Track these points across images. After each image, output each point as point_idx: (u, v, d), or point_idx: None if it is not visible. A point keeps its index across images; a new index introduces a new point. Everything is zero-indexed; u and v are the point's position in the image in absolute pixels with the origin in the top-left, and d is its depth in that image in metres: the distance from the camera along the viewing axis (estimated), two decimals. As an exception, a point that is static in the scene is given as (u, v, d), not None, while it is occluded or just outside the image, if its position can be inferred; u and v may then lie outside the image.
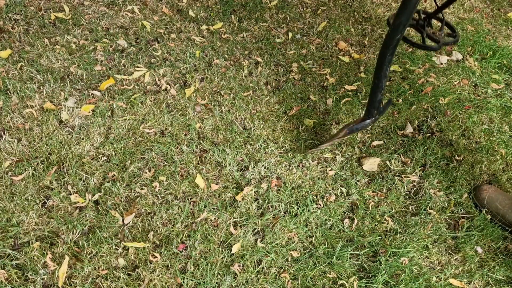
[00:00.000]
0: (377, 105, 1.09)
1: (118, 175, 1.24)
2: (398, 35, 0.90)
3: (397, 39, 0.91)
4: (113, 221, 1.12)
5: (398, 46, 1.27)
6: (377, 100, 1.07)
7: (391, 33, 0.91)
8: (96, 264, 1.03)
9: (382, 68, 1.00)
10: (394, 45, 0.93)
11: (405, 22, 0.88)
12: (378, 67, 1.01)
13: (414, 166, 1.34)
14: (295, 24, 1.96)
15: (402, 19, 0.87)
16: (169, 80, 1.60)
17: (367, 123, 1.13)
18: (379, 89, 1.05)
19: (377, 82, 1.04)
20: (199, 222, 1.14)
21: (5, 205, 1.13)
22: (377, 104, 1.08)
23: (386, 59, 0.97)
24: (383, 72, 1.00)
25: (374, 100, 1.08)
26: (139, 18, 1.91)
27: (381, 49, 0.97)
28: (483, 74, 1.73)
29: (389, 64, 0.99)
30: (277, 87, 1.61)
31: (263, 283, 1.02)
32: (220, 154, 1.32)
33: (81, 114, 1.42)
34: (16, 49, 1.66)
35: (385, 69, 0.99)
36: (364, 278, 1.05)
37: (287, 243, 1.11)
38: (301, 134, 1.41)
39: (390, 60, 0.98)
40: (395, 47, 0.95)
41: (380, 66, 1.00)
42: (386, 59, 0.97)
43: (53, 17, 1.85)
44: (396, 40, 0.92)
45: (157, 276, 1.01)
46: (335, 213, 1.18)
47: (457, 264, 1.10)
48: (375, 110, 1.10)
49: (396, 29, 0.89)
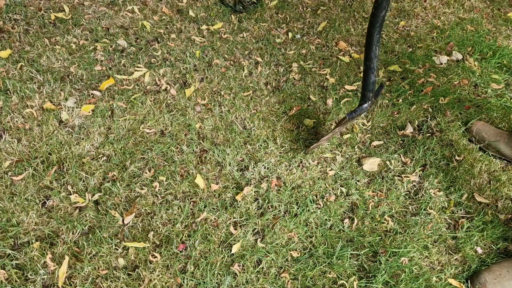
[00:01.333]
0: (372, 87, 1.09)
1: (118, 175, 1.24)
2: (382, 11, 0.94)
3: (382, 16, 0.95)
4: (113, 221, 1.12)
5: (399, 46, 1.27)
6: (371, 82, 1.08)
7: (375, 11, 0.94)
8: (96, 264, 1.03)
9: (372, 48, 1.01)
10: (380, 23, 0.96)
11: None
12: (368, 48, 1.02)
13: (414, 166, 1.34)
14: (295, 24, 1.96)
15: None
16: (169, 80, 1.60)
17: (365, 107, 1.13)
18: (371, 70, 1.06)
19: (368, 64, 1.05)
20: (199, 222, 1.14)
21: (5, 205, 1.13)
22: (372, 86, 1.09)
23: (374, 38, 0.99)
24: (373, 52, 1.02)
25: (368, 83, 1.09)
26: (139, 18, 1.91)
27: (367, 29, 0.99)
28: (483, 74, 1.73)
29: (377, 43, 1.00)
30: (277, 87, 1.61)
31: (263, 283, 1.02)
32: (220, 154, 1.32)
33: (81, 114, 1.42)
34: (16, 49, 1.66)
35: (375, 48, 1.01)
36: (364, 278, 1.05)
37: (287, 243, 1.11)
38: (301, 134, 1.41)
39: (378, 39, 0.99)
40: (381, 25, 0.97)
41: (369, 46, 1.01)
42: (374, 38, 0.99)
43: (53, 17, 1.85)
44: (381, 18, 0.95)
45: (157, 276, 1.01)
46: (335, 213, 1.18)
47: (457, 264, 1.10)
48: (370, 92, 1.10)
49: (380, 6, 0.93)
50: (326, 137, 1.24)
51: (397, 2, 2.18)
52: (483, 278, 1.05)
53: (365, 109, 1.13)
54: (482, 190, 1.28)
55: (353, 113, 1.12)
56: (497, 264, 1.09)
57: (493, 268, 1.08)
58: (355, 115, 1.13)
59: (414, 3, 2.17)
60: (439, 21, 2.06)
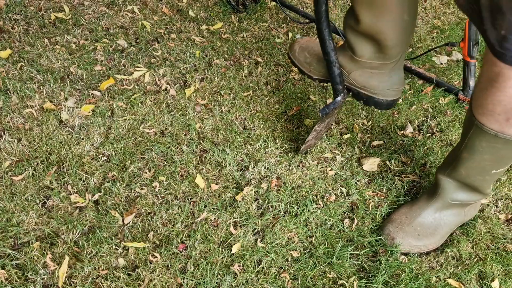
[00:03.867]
0: (339, 80, 1.11)
1: (118, 175, 1.24)
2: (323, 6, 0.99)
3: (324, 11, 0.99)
4: (113, 221, 1.12)
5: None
6: (336, 75, 1.10)
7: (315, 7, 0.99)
8: (96, 264, 1.03)
9: (326, 43, 1.05)
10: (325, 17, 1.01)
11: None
12: (322, 44, 1.05)
13: (414, 166, 1.34)
14: (295, 24, 1.96)
15: None
16: (169, 80, 1.60)
17: (338, 100, 1.14)
18: (332, 63, 1.08)
19: (327, 58, 1.08)
20: (199, 222, 1.14)
21: (5, 205, 1.13)
22: (338, 78, 1.11)
23: (325, 33, 1.02)
24: (328, 47, 1.05)
25: (334, 76, 1.11)
26: (139, 18, 1.91)
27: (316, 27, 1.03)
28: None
29: (330, 37, 1.03)
30: (277, 87, 1.61)
31: (263, 283, 1.02)
32: (220, 154, 1.32)
33: (81, 114, 1.42)
34: (16, 49, 1.66)
35: (329, 42, 1.04)
36: (364, 278, 1.05)
37: (287, 243, 1.11)
38: (301, 134, 1.41)
39: (328, 33, 1.03)
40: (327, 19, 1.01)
41: (323, 42, 1.05)
42: (324, 33, 1.02)
43: (53, 17, 1.85)
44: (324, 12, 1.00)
45: (157, 276, 1.01)
46: (335, 213, 1.18)
47: (456, 263, 1.10)
48: (339, 85, 1.12)
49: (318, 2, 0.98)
50: (311, 137, 1.23)
51: (397, 2, 2.18)
52: (387, 230, 1.10)
53: (338, 102, 1.14)
54: (482, 190, 1.28)
55: (325, 109, 1.13)
56: (396, 213, 1.15)
57: (393, 217, 1.13)
58: (329, 110, 1.13)
59: (414, 3, 2.17)
60: (439, 21, 2.06)
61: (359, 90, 1.11)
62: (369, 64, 1.04)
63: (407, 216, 1.11)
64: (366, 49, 1.02)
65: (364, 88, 1.09)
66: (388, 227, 1.11)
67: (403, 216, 1.11)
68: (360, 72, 1.07)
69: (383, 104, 1.12)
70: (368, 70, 1.06)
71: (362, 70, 1.06)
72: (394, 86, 1.08)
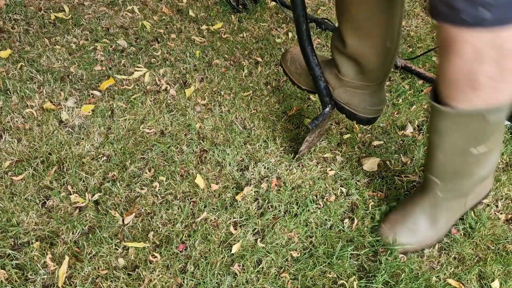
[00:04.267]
0: (325, 92, 1.16)
1: (118, 175, 1.24)
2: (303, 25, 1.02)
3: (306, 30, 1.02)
4: (113, 221, 1.12)
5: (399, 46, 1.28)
6: (322, 88, 1.15)
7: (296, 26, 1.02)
8: (96, 264, 1.03)
9: (310, 60, 1.09)
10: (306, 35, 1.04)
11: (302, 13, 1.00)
12: (307, 60, 1.10)
13: (414, 166, 1.34)
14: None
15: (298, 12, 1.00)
16: (169, 80, 1.60)
17: (326, 111, 1.19)
18: (318, 78, 1.13)
19: (312, 73, 1.12)
20: (199, 222, 1.14)
21: (5, 205, 1.13)
22: (324, 91, 1.15)
23: (308, 50, 1.06)
24: (312, 62, 1.09)
25: (320, 89, 1.15)
26: (139, 18, 1.91)
27: (299, 45, 1.07)
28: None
29: (313, 53, 1.07)
30: (277, 87, 1.61)
31: (263, 283, 1.02)
32: (220, 154, 1.32)
33: (81, 114, 1.42)
34: (16, 49, 1.66)
35: (312, 59, 1.09)
36: (364, 278, 1.05)
37: (287, 243, 1.11)
38: (301, 134, 1.41)
39: (311, 49, 1.07)
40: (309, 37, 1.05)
41: (307, 58, 1.09)
42: (307, 50, 1.06)
43: (53, 17, 1.85)
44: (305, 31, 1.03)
45: (157, 276, 1.01)
46: (335, 213, 1.18)
47: (456, 263, 1.10)
48: (326, 97, 1.17)
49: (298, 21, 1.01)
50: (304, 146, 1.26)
51: (397, 2, 2.18)
52: (382, 229, 1.12)
53: (327, 113, 1.19)
54: (482, 190, 1.28)
55: (315, 121, 1.18)
56: (392, 212, 1.15)
57: (389, 216, 1.14)
58: (318, 121, 1.18)
59: (414, 3, 2.17)
60: (439, 21, 2.06)
61: (343, 105, 1.18)
62: (352, 84, 1.11)
63: (402, 214, 1.12)
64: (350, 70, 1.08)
65: (347, 104, 1.16)
66: (382, 227, 1.12)
67: (398, 215, 1.12)
68: (343, 89, 1.13)
69: (363, 120, 1.19)
70: (351, 89, 1.12)
71: (346, 88, 1.13)
72: (375, 107, 1.15)
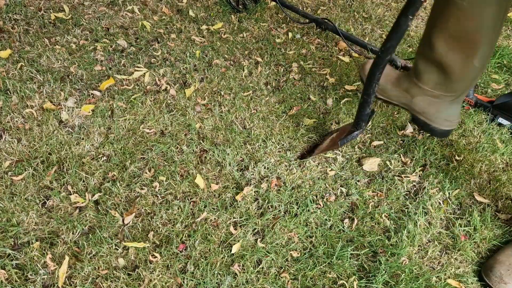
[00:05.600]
0: (366, 118, 1.16)
1: (118, 175, 1.24)
2: (388, 56, 0.97)
3: (387, 60, 0.98)
4: (113, 221, 1.12)
5: (398, 47, 1.28)
6: (365, 113, 1.15)
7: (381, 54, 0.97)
8: (96, 264, 1.03)
9: (372, 86, 1.06)
10: (384, 65, 1.00)
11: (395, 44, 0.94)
12: (368, 84, 1.06)
13: (414, 166, 1.34)
14: (295, 24, 1.96)
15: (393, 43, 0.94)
16: (169, 80, 1.60)
17: (355, 134, 1.21)
18: (368, 104, 1.12)
19: (366, 98, 1.10)
20: (199, 222, 1.14)
21: (5, 205, 1.13)
22: (365, 117, 1.16)
23: (376, 77, 1.04)
24: (372, 89, 1.07)
25: (363, 114, 1.15)
26: (139, 18, 1.91)
27: (371, 68, 1.02)
28: (483, 74, 1.74)
29: (377, 81, 1.05)
30: (277, 87, 1.61)
31: (263, 283, 1.02)
32: (220, 154, 1.32)
33: (81, 114, 1.42)
34: (16, 49, 1.66)
35: (374, 86, 1.06)
36: (364, 278, 1.05)
37: (287, 243, 1.11)
38: (301, 134, 1.41)
39: (379, 78, 1.04)
40: (384, 66, 1.01)
41: (370, 83, 1.06)
42: (375, 77, 1.03)
43: (53, 17, 1.85)
44: (386, 61, 0.98)
45: (157, 276, 1.01)
46: (335, 213, 1.18)
47: (457, 264, 1.10)
48: (363, 122, 1.18)
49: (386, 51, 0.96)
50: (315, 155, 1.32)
51: (397, 2, 2.18)
52: (498, 272, 1.06)
53: (355, 136, 1.21)
54: (482, 190, 1.28)
55: (344, 140, 1.21)
56: (502, 254, 1.10)
57: (501, 259, 1.09)
58: (346, 141, 1.21)
59: (414, 3, 2.17)
60: (439, 21, 2.06)
61: (417, 116, 1.17)
62: (431, 93, 1.10)
63: None
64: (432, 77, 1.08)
65: (422, 113, 1.15)
66: (498, 269, 1.06)
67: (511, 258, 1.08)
68: (422, 97, 1.13)
69: (437, 132, 1.17)
70: (430, 97, 1.12)
71: (424, 97, 1.12)
72: (450, 118, 1.14)
